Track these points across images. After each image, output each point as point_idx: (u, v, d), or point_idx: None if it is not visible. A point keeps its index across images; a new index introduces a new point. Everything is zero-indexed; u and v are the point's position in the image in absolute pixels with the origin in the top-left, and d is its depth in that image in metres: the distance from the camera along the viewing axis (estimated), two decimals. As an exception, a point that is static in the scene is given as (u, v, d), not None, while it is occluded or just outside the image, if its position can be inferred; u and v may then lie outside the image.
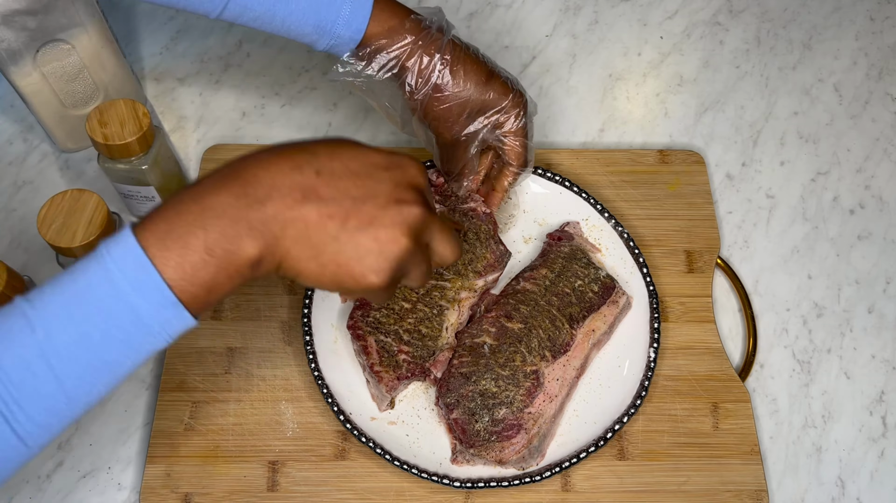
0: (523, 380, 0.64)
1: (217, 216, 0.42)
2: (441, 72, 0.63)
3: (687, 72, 0.87)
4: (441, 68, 0.62)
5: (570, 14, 0.90)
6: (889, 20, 0.91)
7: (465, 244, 0.69)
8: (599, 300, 0.68)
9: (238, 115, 0.82)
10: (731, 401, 0.68)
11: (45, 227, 0.60)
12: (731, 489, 0.64)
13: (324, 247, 0.44)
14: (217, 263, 0.42)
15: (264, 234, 0.42)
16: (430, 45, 0.62)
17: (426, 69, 0.62)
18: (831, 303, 0.74)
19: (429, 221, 0.47)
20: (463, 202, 0.71)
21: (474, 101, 0.64)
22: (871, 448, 0.68)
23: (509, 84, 0.65)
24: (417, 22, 0.62)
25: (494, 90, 0.64)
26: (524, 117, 0.66)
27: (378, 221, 0.44)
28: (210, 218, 0.42)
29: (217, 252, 0.42)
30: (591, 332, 0.67)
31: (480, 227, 0.70)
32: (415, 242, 0.46)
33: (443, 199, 0.71)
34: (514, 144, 0.67)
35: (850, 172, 0.81)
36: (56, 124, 0.75)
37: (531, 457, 0.63)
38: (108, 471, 0.65)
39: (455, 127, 0.65)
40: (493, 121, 0.65)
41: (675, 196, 0.77)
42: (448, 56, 0.63)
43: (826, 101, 0.85)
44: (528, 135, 0.67)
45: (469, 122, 0.65)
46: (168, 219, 0.42)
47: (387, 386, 0.63)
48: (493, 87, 0.64)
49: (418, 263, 0.47)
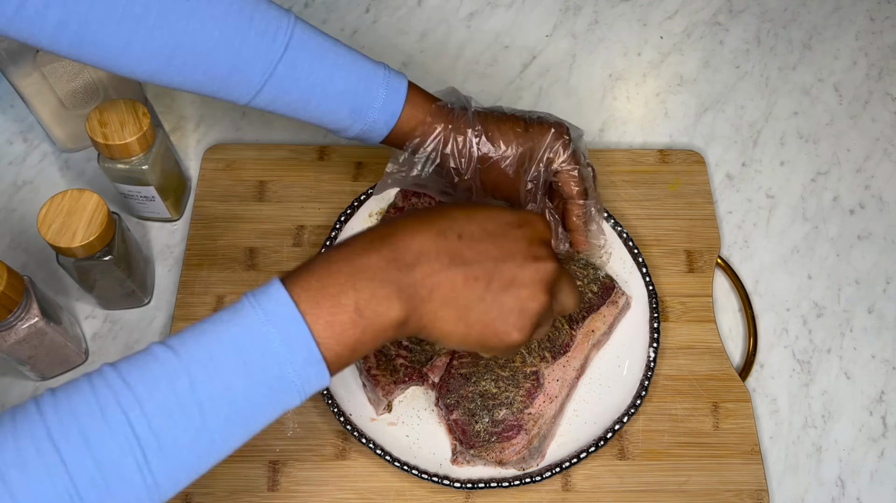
0: (523, 381, 0.64)
1: (368, 278, 0.43)
2: (479, 144, 0.62)
3: (687, 72, 0.87)
4: (477, 141, 0.62)
5: (570, 14, 0.90)
6: (889, 20, 0.91)
7: None
8: (599, 300, 0.68)
9: (238, 114, 0.82)
10: (732, 400, 0.68)
11: (45, 227, 0.60)
12: (731, 489, 0.65)
13: (471, 308, 0.45)
14: (365, 324, 0.43)
15: (412, 297, 0.44)
16: (460, 124, 0.62)
17: (464, 148, 0.62)
18: (831, 303, 0.74)
19: (560, 274, 0.49)
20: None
21: (522, 154, 0.63)
22: (871, 448, 0.68)
23: (546, 120, 0.64)
24: (441, 108, 0.62)
25: (533, 134, 0.63)
26: (571, 145, 0.64)
27: (518, 280, 0.46)
28: (361, 279, 0.43)
29: (367, 313, 0.43)
30: (591, 333, 0.67)
31: None
32: (550, 296, 0.48)
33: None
34: (566, 175, 0.65)
35: (850, 172, 0.81)
36: (56, 124, 0.75)
37: (531, 457, 0.63)
38: (108, 471, 0.65)
39: (517, 185, 0.64)
40: (544, 160, 0.64)
41: (676, 196, 0.77)
42: (479, 127, 0.62)
43: (826, 101, 0.85)
44: (580, 161, 0.65)
45: (527, 175, 0.64)
46: (320, 276, 0.43)
47: (383, 390, 0.63)
48: (532, 132, 0.63)
49: (549, 315, 0.49)
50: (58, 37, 0.50)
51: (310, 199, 0.76)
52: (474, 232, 0.46)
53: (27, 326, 0.60)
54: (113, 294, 0.68)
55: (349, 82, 0.58)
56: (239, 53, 0.54)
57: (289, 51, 0.55)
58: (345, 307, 0.42)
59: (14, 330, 0.60)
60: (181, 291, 0.71)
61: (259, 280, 0.71)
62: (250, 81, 0.56)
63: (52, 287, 0.72)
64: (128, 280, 0.67)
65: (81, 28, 0.49)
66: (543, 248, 0.48)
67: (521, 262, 0.46)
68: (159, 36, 0.51)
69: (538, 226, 0.49)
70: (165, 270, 0.73)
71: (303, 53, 0.56)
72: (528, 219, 0.49)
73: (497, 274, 0.46)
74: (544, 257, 0.47)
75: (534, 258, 0.47)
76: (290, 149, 0.78)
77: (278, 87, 0.57)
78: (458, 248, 0.45)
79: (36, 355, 0.64)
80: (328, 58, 0.58)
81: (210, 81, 0.55)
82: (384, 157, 0.78)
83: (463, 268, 0.45)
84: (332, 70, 0.58)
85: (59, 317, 0.65)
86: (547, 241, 0.49)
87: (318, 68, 0.57)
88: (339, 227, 0.72)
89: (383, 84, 0.59)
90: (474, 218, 0.47)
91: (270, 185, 0.76)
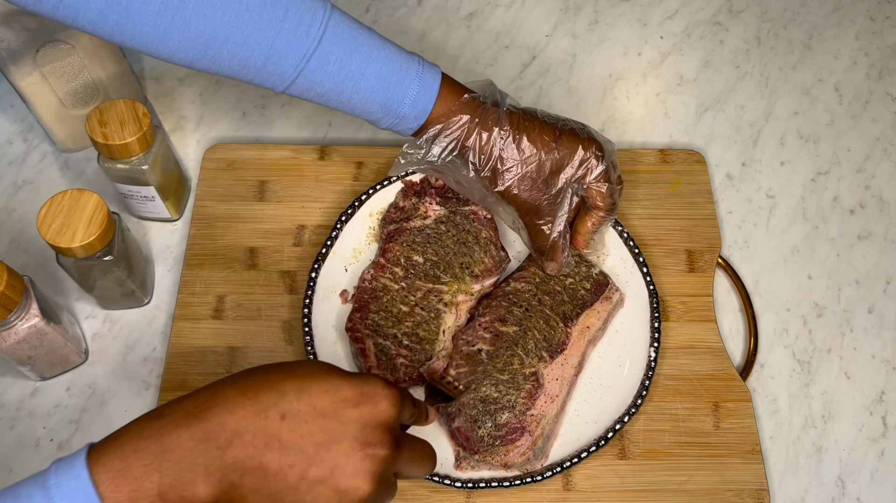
0: (523, 383, 0.64)
1: (175, 460, 0.41)
2: (503, 145, 0.62)
3: (687, 72, 0.87)
4: (502, 142, 0.62)
5: (570, 14, 0.90)
6: (889, 20, 0.91)
7: (463, 247, 0.69)
8: (592, 297, 0.68)
9: (238, 115, 0.82)
10: (732, 400, 0.68)
11: (45, 227, 0.60)
12: (732, 488, 0.64)
13: (282, 497, 0.43)
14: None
15: (221, 481, 0.42)
16: (488, 120, 0.61)
17: (486, 145, 0.61)
18: (831, 303, 0.74)
19: (395, 458, 0.45)
20: (464, 204, 0.71)
21: (545, 164, 0.62)
22: (871, 448, 0.68)
23: (578, 134, 0.63)
24: (472, 100, 0.61)
25: (562, 146, 0.62)
26: (602, 162, 0.63)
27: (340, 471, 0.43)
28: (167, 461, 0.41)
29: (170, 497, 0.41)
30: (586, 329, 0.67)
31: (480, 231, 0.70)
32: (378, 484, 0.44)
33: (444, 202, 0.71)
34: (597, 191, 0.64)
35: (850, 172, 0.81)
36: (56, 124, 0.75)
37: (536, 458, 0.63)
38: (108, 472, 0.65)
39: (533, 194, 0.63)
40: (570, 178, 0.63)
41: (676, 195, 0.77)
42: (507, 127, 0.61)
43: (826, 101, 0.85)
44: (610, 178, 0.64)
45: (547, 187, 0.63)
46: (125, 455, 0.41)
47: None
48: (562, 144, 0.62)
49: (384, 497, 0.46)
50: (100, 23, 0.51)
51: (310, 198, 0.76)
52: (301, 411, 0.43)
53: (27, 326, 0.60)
54: (113, 294, 0.68)
55: (381, 78, 0.58)
56: (273, 46, 0.55)
57: (322, 44, 0.56)
58: (147, 492, 0.40)
59: (14, 330, 0.60)
60: (181, 291, 0.71)
61: (260, 279, 0.72)
62: (283, 73, 0.56)
63: (52, 287, 0.72)
64: (128, 280, 0.67)
65: (121, 17, 0.51)
66: (379, 432, 0.44)
67: (347, 450, 0.43)
68: (195, 26, 0.52)
69: (380, 404, 0.45)
70: (165, 270, 0.73)
71: (336, 48, 0.56)
72: (370, 394, 0.45)
73: (317, 461, 0.42)
74: (377, 443, 0.44)
75: (364, 444, 0.43)
76: (291, 149, 0.78)
77: (311, 79, 0.57)
78: (278, 430, 0.42)
79: (36, 355, 0.64)
80: (362, 52, 0.58)
81: (244, 71, 0.56)
82: (385, 157, 0.78)
83: (278, 453, 0.42)
84: (364, 65, 0.58)
85: (58, 317, 0.65)
86: (386, 423, 0.45)
87: (350, 63, 0.57)
88: (340, 226, 0.72)
89: (416, 80, 0.59)
90: (306, 392, 0.43)
91: (270, 185, 0.76)
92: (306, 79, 0.57)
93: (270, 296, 0.71)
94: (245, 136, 0.81)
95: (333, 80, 0.58)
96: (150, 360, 0.69)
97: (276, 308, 0.71)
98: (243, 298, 0.71)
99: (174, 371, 0.67)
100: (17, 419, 0.66)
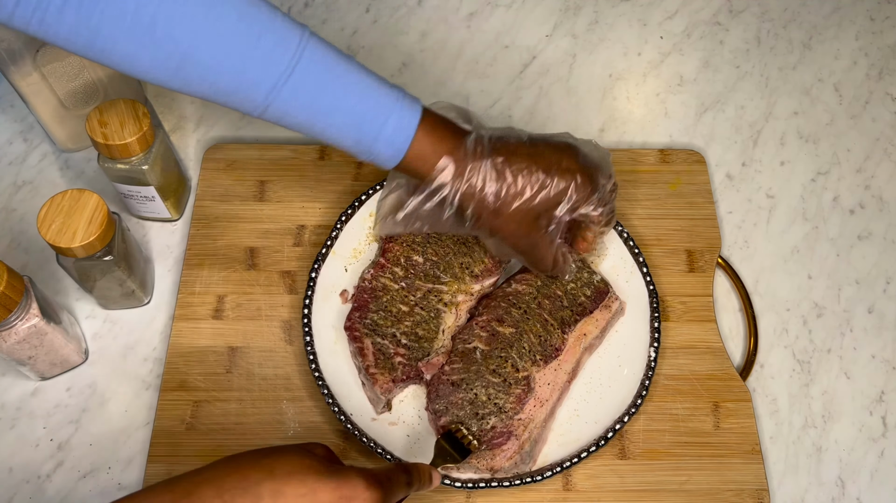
0: (514, 387, 0.63)
1: None
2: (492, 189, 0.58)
3: (687, 72, 0.87)
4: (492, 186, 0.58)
5: (570, 14, 0.90)
6: (889, 20, 0.91)
7: (463, 247, 0.69)
8: (592, 304, 0.68)
9: (238, 114, 0.82)
10: (732, 400, 0.68)
11: (45, 227, 0.60)
12: (732, 488, 0.64)
13: None
14: None
15: None
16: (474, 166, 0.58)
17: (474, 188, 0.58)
18: (831, 303, 0.74)
19: None
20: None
21: (538, 205, 0.59)
22: (871, 448, 0.68)
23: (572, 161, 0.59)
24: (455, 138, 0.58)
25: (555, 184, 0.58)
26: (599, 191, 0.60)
27: None
28: None
29: None
30: (583, 336, 0.67)
31: None
32: None
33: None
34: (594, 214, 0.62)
35: (850, 172, 0.81)
36: (56, 124, 0.75)
37: (523, 462, 0.63)
38: (108, 471, 0.65)
39: (523, 230, 0.60)
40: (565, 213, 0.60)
41: (676, 195, 0.77)
42: (494, 172, 0.58)
43: (826, 101, 0.85)
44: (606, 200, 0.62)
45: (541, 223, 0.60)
46: None
47: (381, 388, 0.63)
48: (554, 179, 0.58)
49: None
50: (71, 40, 0.50)
51: (310, 198, 0.76)
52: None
53: (27, 326, 0.60)
54: (113, 294, 0.68)
55: (354, 114, 0.56)
56: (243, 73, 0.53)
57: (294, 75, 0.53)
58: None
59: (14, 330, 0.60)
60: (181, 291, 0.71)
61: (260, 279, 0.72)
62: (254, 100, 0.54)
63: (52, 287, 0.72)
64: (128, 280, 0.67)
65: (92, 35, 0.50)
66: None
67: None
68: (165, 48, 0.51)
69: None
70: (165, 270, 0.73)
71: (308, 80, 0.54)
72: (349, 499, 0.45)
73: None
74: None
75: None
76: (291, 149, 0.78)
77: (282, 109, 0.55)
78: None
79: (36, 355, 0.64)
80: (336, 85, 0.55)
81: (216, 95, 0.55)
82: (384, 157, 0.78)
83: None
84: (337, 100, 0.55)
85: (58, 317, 0.65)
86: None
87: (322, 97, 0.55)
88: (340, 226, 0.72)
89: (393, 117, 0.56)
90: (282, 497, 0.43)
91: (270, 185, 0.76)
92: (278, 109, 0.55)
93: (270, 296, 0.71)
94: (245, 136, 0.81)
95: (305, 113, 0.55)
96: (150, 360, 0.69)
97: (276, 308, 0.71)
98: (243, 298, 0.71)
99: (174, 371, 0.67)
100: (17, 419, 0.66)
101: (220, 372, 0.68)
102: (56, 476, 0.65)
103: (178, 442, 0.65)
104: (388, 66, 0.86)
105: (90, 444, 0.66)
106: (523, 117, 0.83)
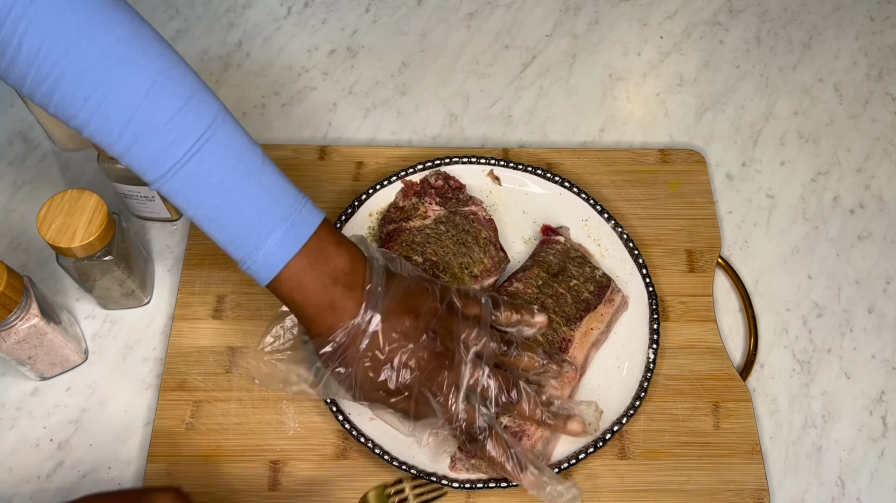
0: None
1: None
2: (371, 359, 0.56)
3: (687, 72, 0.87)
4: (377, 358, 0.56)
5: (570, 14, 0.90)
6: (889, 20, 0.91)
7: (462, 248, 0.69)
8: (595, 300, 0.68)
9: (238, 115, 0.82)
10: (732, 400, 0.68)
11: (45, 227, 0.60)
12: (732, 488, 0.64)
13: None
14: None
15: None
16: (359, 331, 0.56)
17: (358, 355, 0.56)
18: (831, 303, 0.74)
19: None
20: (463, 205, 0.71)
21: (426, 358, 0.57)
22: (871, 448, 0.68)
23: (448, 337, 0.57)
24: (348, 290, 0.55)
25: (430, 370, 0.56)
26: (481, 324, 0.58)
27: None
28: None
29: None
30: (589, 332, 0.67)
31: (480, 231, 0.70)
32: None
33: (443, 202, 0.71)
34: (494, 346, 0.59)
35: (850, 172, 0.81)
36: (56, 124, 0.75)
37: (537, 460, 0.63)
38: (107, 471, 0.65)
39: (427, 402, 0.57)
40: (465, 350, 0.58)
41: (676, 195, 0.77)
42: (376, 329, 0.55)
43: (826, 101, 0.85)
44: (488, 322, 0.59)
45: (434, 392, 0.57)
46: None
47: None
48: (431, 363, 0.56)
49: None
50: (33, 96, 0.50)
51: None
52: None
53: (27, 326, 0.60)
54: (113, 294, 0.68)
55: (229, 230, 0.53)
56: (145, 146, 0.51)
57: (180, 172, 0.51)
58: None
59: (14, 330, 0.60)
60: (181, 291, 0.71)
61: (259, 280, 0.71)
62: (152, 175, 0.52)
63: (51, 287, 0.72)
64: (128, 280, 0.67)
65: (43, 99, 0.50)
66: None
67: None
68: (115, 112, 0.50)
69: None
70: (165, 270, 0.73)
71: (190, 185, 0.52)
72: None
73: None
74: None
75: None
76: (290, 149, 0.78)
77: (172, 194, 0.52)
78: None
79: (36, 355, 0.64)
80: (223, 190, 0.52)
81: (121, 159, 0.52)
82: (385, 157, 0.78)
83: None
84: (217, 211, 0.52)
85: (58, 317, 0.65)
86: None
87: (202, 205, 0.52)
88: (340, 226, 0.71)
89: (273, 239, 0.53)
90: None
91: (270, 185, 0.76)
92: (169, 191, 0.52)
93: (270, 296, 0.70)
94: (245, 135, 0.81)
95: (189, 211, 0.53)
96: (150, 360, 0.69)
97: (276, 307, 0.70)
98: (243, 298, 0.71)
99: (174, 371, 0.67)
100: (17, 419, 0.66)
101: (220, 372, 0.68)
102: (56, 476, 0.65)
103: (178, 442, 0.65)
104: (388, 66, 0.86)
105: (90, 444, 0.66)
106: (523, 117, 0.83)
